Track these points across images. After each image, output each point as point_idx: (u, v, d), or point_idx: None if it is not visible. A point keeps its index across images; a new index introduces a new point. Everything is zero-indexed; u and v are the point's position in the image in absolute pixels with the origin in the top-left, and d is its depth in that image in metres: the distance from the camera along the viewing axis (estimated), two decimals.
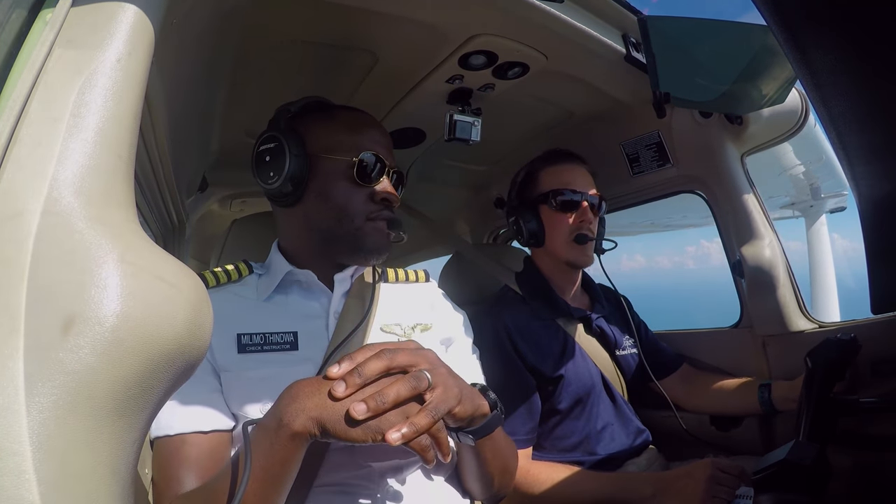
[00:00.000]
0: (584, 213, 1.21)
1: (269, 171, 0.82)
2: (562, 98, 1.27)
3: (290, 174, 0.80)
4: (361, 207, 0.83)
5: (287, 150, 0.80)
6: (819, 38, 0.39)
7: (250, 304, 0.81)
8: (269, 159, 0.82)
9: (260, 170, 0.83)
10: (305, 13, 0.85)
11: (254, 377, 0.73)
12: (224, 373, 0.73)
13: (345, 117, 0.87)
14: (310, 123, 0.85)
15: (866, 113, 0.45)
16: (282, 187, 0.81)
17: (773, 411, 1.12)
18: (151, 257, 0.36)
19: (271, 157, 0.82)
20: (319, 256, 0.86)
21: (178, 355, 0.35)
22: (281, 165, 0.80)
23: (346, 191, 0.82)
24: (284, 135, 0.81)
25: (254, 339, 0.75)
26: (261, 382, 0.72)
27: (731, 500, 0.90)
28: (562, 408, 1.15)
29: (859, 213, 0.59)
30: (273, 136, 0.82)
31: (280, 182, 0.80)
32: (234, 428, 0.72)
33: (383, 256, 0.86)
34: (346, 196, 0.82)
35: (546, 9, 0.87)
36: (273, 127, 0.86)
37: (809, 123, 1.24)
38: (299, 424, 0.55)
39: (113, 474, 0.31)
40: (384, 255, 0.86)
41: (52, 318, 0.30)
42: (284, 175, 0.80)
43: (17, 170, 0.33)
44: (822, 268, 4.64)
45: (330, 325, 0.81)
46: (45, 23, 0.37)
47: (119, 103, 0.38)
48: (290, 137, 0.81)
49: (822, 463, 0.72)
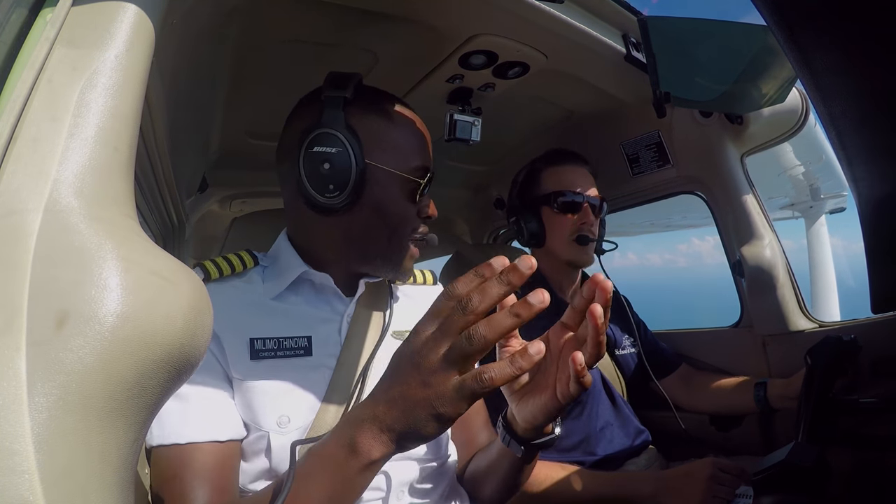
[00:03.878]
0: (585, 215, 1.21)
1: (329, 182, 0.68)
2: (562, 98, 1.27)
3: (354, 188, 0.68)
4: (411, 223, 0.75)
5: (353, 158, 0.68)
6: (819, 38, 0.39)
7: (260, 303, 0.75)
8: (329, 167, 0.68)
9: (314, 179, 0.69)
10: (305, 13, 0.85)
11: (268, 387, 0.68)
12: (236, 380, 0.68)
13: (401, 118, 0.76)
14: (364, 119, 0.72)
15: (866, 113, 0.45)
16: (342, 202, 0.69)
17: (770, 410, 1.13)
18: (151, 257, 0.36)
19: (331, 164, 0.68)
20: (345, 264, 0.78)
21: (177, 354, 0.35)
22: (345, 177, 0.68)
23: (405, 207, 0.74)
24: (347, 135, 0.68)
25: (267, 345, 0.70)
26: (276, 393, 0.68)
27: (731, 499, 0.90)
28: None
29: (859, 213, 0.59)
30: (332, 136, 0.68)
31: (344, 197, 0.69)
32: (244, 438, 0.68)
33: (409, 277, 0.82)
34: (404, 212, 0.74)
35: (546, 9, 0.87)
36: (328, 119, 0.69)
37: (809, 123, 1.24)
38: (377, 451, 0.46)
39: (113, 474, 0.31)
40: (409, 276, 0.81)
41: (53, 317, 0.30)
42: (350, 189, 0.68)
43: (17, 168, 0.33)
44: (822, 268, 4.64)
45: (342, 329, 0.77)
46: (46, 22, 0.37)
47: (119, 103, 0.38)
48: (352, 139, 0.68)
49: (822, 464, 0.72)
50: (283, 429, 0.67)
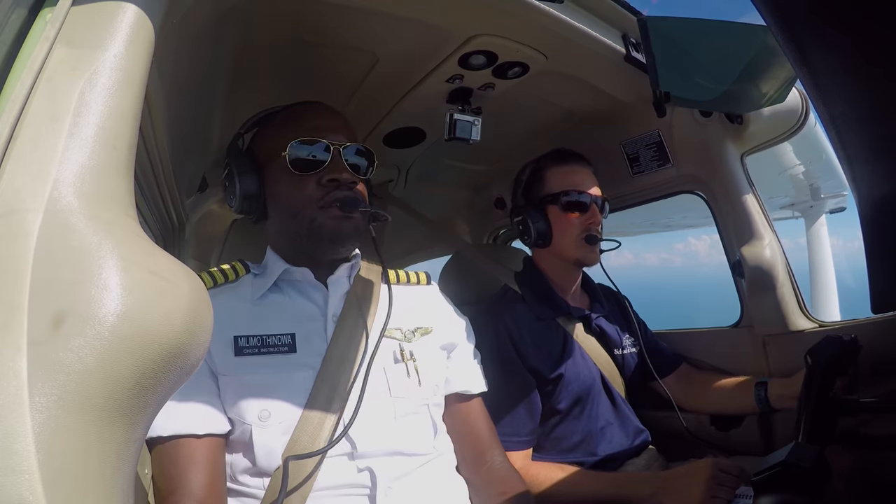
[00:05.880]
0: (593, 215, 1.21)
1: (230, 195, 0.84)
2: (562, 98, 1.27)
3: (242, 193, 0.82)
4: (311, 195, 0.80)
5: (235, 170, 0.82)
6: (819, 38, 0.39)
7: (246, 304, 0.79)
8: (228, 185, 0.85)
9: (226, 196, 0.87)
10: (305, 13, 0.85)
11: (251, 381, 0.71)
12: (221, 376, 0.72)
13: (279, 116, 0.87)
14: (255, 137, 0.88)
15: (866, 113, 0.45)
16: (242, 206, 0.83)
17: (770, 409, 1.12)
18: (151, 257, 0.36)
19: (228, 182, 0.84)
20: (304, 257, 0.84)
21: (177, 354, 0.35)
22: (234, 187, 0.82)
23: (291, 185, 0.80)
24: (233, 157, 0.84)
25: (251, 342, 0.74)
26: (258, 386, 0.71)
27: (731, 500, 0.90)
28: (561, 408, 1.15)
29: (859, 213, 0.59)
30: (226, 163, 0.85)
31: (238, 202, 0.82)
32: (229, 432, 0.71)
33: (352, 241, 0.83)
34: (292, 190, 0.80)
35: (546, 9, 0.87)
36: (227, 153, 0.88)
37: (809, 123, 1.24)
38: None
39: (114, 474, 0.31)
40: (351, 240, 0.82)
41: (53, 316, 0.30)
42: (238, 195, 0.82)
43: (17, 168, 0.33)
44: (822, 267, 4.65)
45: (328, 327, 0.80)
46: (46, 22, 0.37)
47: (119, 102, 0.38)
48: (238, 158, 0.84)
49: (822, 464, 0.72)
50: (265, 423, 0.70)
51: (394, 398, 0.78)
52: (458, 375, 0.91)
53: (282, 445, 0.69)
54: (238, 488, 0.71)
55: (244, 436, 0.70)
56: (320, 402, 0.72)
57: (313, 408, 0.71)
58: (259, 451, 0.69)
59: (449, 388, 0.90)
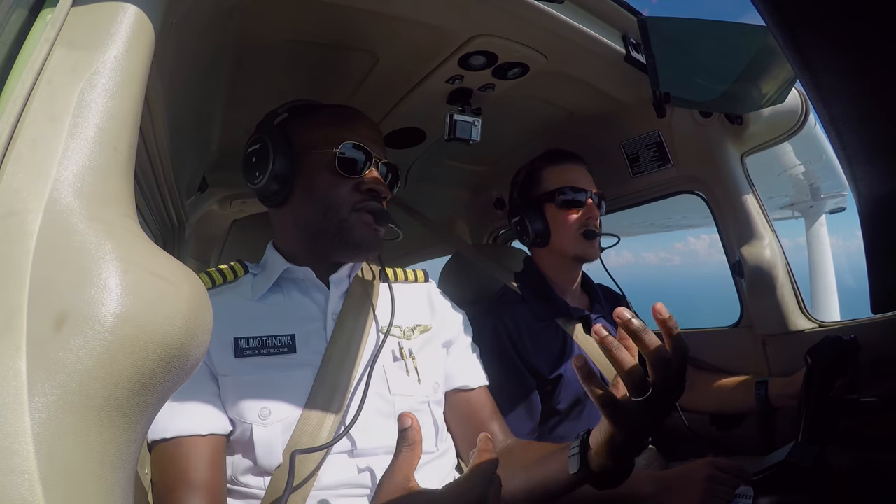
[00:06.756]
0: (590, 210, 1.22)
1: (256, 171, 0.83)
2: (562, 98, 1.27)
3: (274, 172, 0.81)
4: (347, 197, 0.82)
5: (271, 148, 0.81)
6: (819, 38, 0.39)
7: (246, 304, 0.80)
8: (256, 160, 0.83)
9: (247, 171, 0.85)
10: (305, 13, 0.85)
11: (251, 382, 0.72)
12: (221, 377, 0.72)
13: (328, 113, 0.88)
14: (295, 123, 0.86)
15: (866, 113, 0.45)
16: (268, 185, 0.82)
17: (770, 408, 1.12)
18: (151, 257, 0.36)
19: (257, 157, 0.83)
20: (313, 255, 0.85)
21: (177, 354, 0.35)
22: (265, 164, 0.81)
23: (331, 182, 0.82)
24: (270, 135, 0.83)
25: (251, 343, 0.74)
26: (258, 385, 0.72)
27: (731, 499, 0.90)
28: (561, 408, 1.15)
29: (859, 213, 0.59)
30: (259, 138, 0.84)
31: (265, 180, 0.81)
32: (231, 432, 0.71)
33: (373, 252, 0.84)
34: (330, 187, 0.81)
35: (546, 9, 0.87)
36: (260, 129, 0.87)
37: (809, 123, 1.24)
38: None
39: (114, 474, 0.31)
40: (373, 250, 0.84)
41: (53, 317, 0.30)
42: (269, 173, 0.81)
43: (17, 169, 0.33)
44: (822, 267, 4.65)
45: (328, 326, 0.80)
46: (46, 23, 0.37)
47: (119, 103, 0.38)
48: (275, 137, 0.83)
49: (822, 464, 0.72)
50: (265, 421, 0.70)
51: (393, 396, 0.78)
52: (458, 371, 0.91)
53: (282, 443, 0.70)
54: (238, 489, 0.71)
55: (244, 435, 0.70)
56: (320, 399, 0.72)
57: (313, 406, 0.72)
58: (259, 450, 0.69)
59: (449, 384, 0.90)
